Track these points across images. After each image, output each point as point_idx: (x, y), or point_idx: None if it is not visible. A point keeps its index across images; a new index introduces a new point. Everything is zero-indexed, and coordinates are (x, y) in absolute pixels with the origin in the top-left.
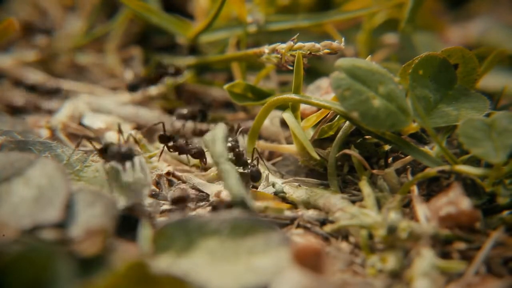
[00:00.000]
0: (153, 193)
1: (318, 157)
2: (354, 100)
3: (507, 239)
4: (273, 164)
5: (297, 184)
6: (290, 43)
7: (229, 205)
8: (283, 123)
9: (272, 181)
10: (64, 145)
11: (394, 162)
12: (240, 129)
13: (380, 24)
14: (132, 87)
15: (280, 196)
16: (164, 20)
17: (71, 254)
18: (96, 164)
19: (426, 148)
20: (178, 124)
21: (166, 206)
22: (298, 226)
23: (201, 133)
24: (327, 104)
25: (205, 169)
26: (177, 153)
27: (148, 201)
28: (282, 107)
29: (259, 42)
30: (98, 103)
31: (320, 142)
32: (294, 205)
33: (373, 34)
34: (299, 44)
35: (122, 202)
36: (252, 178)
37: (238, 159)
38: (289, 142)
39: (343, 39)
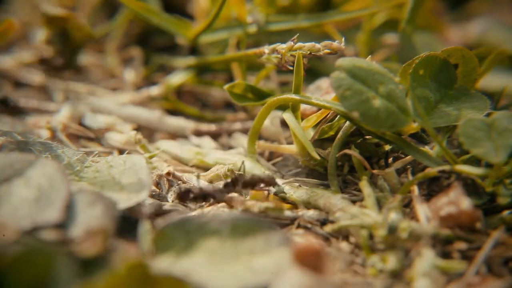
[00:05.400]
0: (153, 193)
1: (318, 157)
2: (354, 100)
3: (507, 239)
4: (274, 164)
5: (297, 184)
6: (290, 43)
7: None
8: (283, 124)
9: None
10: (64, 145)
11: (395, 162)
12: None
13: (380, 24)
14: None
15: (280, 196)
16: (164, 21)
17: (72, 254)
18: (96, 164)
19: (426, 148)
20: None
21: (166, 207)
22: (299, 226)
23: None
24: (328, 104)
25: (206, 169)
26: None
27: (148, 201)
28: (282, 107)
29: (259, 42)
30: (99, 104)
31: (321, 142)
32: (294, 205)
33: (373, 35)
34: (299, 44)
35: (122, 202)
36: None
37: None
38: (289, 142)
39: (343, 39)
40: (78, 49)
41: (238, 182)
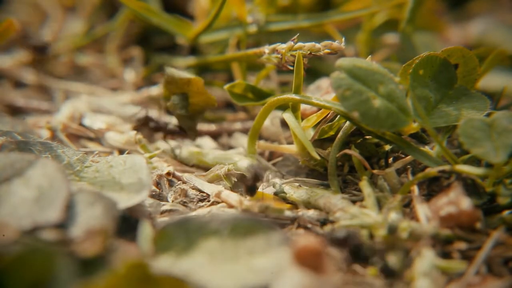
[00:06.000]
0: (153, 193)
1: (318, 157)
2: (354, 100)
3: (507, 239)
4: (274, 164)
5: (297, 184)
6: (290, 43)
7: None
8: (283, 124)
9: (273, 181)
10: (64, 145)
11: (395, 162)
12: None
13: (380, 24)
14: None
15: (280, 196)
16: (164, 21)
17: (72, 254)
18: (96, 164)
19: (426, 148)
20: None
21: (166, 207)
22: (299, 226)
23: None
24: (328, 104)
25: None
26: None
27: (148, 201)
28: (283, 107)
29: (259, 42)
30: (98, 104)
31: (321, 142)
32: (294, 205)
33: (373, 34)
34: (299, 44)
35: (122, 202)
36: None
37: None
38: (289, 142)
39: (343, 39)
40: (198, 114)
41: (254, 178)
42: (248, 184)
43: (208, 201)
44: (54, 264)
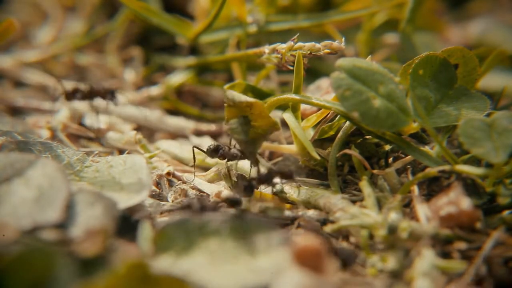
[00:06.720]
0: (153, 193)
1: (318, 157)
2: (354, 100)
3: (507, 239)
4: (274, 164)
5: (297, 184)
6: (290, 43)
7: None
8: (284, 124)
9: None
10: (64, 145)
11: (395, 162)
12: None
13: (380, 24)
14: None
15: (280, 196)
16: (164, 21)
17: (72, 254)
18: (96, 164)
19: (426, 148)
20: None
21: (166, 207)
22: (299, 226)
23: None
24: (328, 104)
25: (206, 169)
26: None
27: (148, 201)
28: (283, 107)
29: (259, 42)
30: (98, 104)
31: (321, 142)
32: (294, 205)
33: (373, 34)
34: (299, 44)
35: (122, 202)
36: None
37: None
38: (289, 142)
39: (343, 39)
40: (260, 139)
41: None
42: (267, 181)
43: (208, 201)
44: (54, 264)
